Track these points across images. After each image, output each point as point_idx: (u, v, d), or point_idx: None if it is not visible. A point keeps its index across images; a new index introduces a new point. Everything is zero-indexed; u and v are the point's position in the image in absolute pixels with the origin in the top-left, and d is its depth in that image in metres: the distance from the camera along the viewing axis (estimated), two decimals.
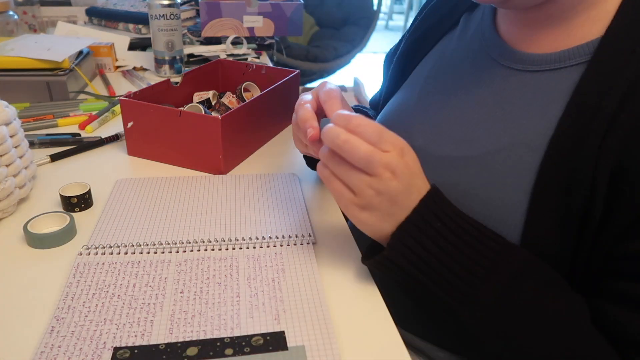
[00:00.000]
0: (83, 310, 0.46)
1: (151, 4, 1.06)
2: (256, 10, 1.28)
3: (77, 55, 1.02)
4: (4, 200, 0.57)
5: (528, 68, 0.51)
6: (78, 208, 0.61)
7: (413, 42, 0.67)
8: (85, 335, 0.43)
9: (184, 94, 0.88)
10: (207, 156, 0.70)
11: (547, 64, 0.50)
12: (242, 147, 0.75)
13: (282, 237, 0.57)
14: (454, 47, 0.62)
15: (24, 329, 0.44)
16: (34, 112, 0.87)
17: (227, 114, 0.68)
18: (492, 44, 0.56)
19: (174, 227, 0.58)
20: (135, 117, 0.73)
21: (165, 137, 0.72)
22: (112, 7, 1.49)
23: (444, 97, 0.59)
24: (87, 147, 0.77)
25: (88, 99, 0.96)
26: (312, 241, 0.56)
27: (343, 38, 2.64)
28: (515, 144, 0.49)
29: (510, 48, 0.53)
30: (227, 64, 0.95)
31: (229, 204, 0.63)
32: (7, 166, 0.57)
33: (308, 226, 0.59)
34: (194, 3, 1.42)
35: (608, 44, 0.45)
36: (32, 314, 0.46)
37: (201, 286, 0.49)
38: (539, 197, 0.46)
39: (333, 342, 0.43)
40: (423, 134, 0.58)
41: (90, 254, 0.53)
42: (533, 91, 0.50)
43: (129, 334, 0.43)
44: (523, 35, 0.53)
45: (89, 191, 0.62)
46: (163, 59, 1.12)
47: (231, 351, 0.42)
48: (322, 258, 0.54)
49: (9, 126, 0.59)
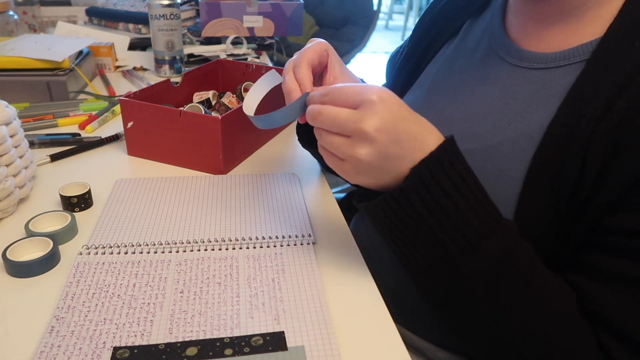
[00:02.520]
0: (83, 310, 0.46)
1: (151, 4, 1.06)
2: (256, 10, 1.28)
3: (77, 55, 1.03)
4: (4, 200, 0.57)
5: (534, 66, 0.52)
6: (78, 208, 0.61)
7: (421, 45, 0.68)
8: (85, 335, 0.43)
9: (184, 94, 0.88)
10: (207, 156, 0.70)
11: (552, 62, 0.51)
12: (242, 147, 0.75)
13: (282, 237, 0.57)
14: (458, 50, 0.63)
15: (23, 328, 0.44)
16: (34, 112, 0.87)
17: (227, 114, 0.68)
18: (500, 43, 0.57)
19: (174, 227, 0.58)
20: (135, 117, 0.73)
21: (165, 137, 0.72)
22: (112, 7, 1.49)
23: (451, 94, 0.60)
24: (87, 147, 0.77)
25: (88, 99, 0.96)
26: (312, 241, 0.56)
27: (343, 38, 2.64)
28: (517, 137, 0.50)
29: (517, 47, 0.54)
30: (227, 64, 0.95)
31: (229, 204, 0.63)
32: (7, 166, 0.57)
33: (308, 226, 0.59)
34: (194, 3, 1.42)
35: (608, 41, 0.46)
36: (32, 313, 0.46)
37: (201, 286, 0.49)
38: (531, 182, 0.48)
39: (333, 342, 0.43)
40: None
41: (90, 254, 0.53)
42: (537, 87, 0.51)
43: (128, 333, 0.43)
44: (531, 33, 0.54)
45: (89, 191, 0.62)
46: (163, 59, 1.12)
47: (231, 351, 0.42)
48: (322, 258, 0.54)
49: (9, 126, 0.59)
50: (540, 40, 0.53)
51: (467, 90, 0.58)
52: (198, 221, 0.59)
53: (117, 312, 0.46)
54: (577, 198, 0.44)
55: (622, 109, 0.42)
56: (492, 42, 0.58)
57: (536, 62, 0.52)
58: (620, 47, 0.45)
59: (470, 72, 0.59)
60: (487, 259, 0.43)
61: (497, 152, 0.51)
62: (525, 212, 0.48)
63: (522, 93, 0.52)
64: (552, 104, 0.49)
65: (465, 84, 0.59)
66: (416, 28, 0.71)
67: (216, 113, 0.87)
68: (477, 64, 0.59)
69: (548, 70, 0.51)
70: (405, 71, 0.70)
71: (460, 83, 0.60)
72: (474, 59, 0.60)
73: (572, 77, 0.48)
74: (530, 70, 0.52)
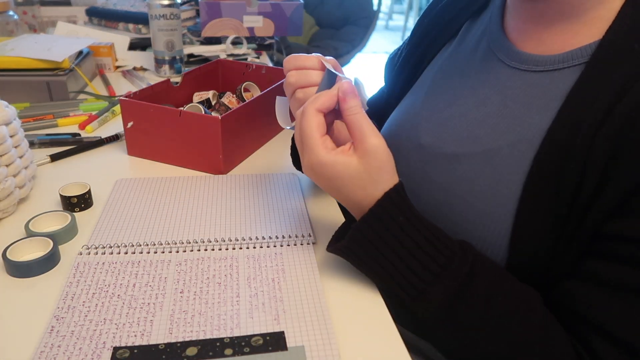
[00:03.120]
0: (83, 310, 0.46)
1: (151, 4, 1.06)
2: (256, 10, 1.28)
3: (77, 55, 1.03)
4: (4, 200, 0.57)
5: (532, 68, 0.52)
6: (78, 208, 0.61)
7: (420, 47, 0.68)
8: (85, 335, 0.43)
9: (184, 94, 0.88)
10: (207, 156, 0.70)
11: (551, 65, 0.50)
12: (242, 147, 0.75)
13: (282, 237, 0.57)
14: (456, 52, 0.63)
15: (23, 328, 0.44)
16: (34, 112, 0.87)
17: (227, 114, 0.68)
18: (499, 45, 0.56)
19: (173, 227, 0.58)
20: (135, 117, 0.73)
21: (165, 137, 0.72)
22: (112, 7, 1.49)
23: (450, 97, 0.59)
24: (87, 147, 0.77)
25: (88, 99, 0.97)
26: (312, 241, 0.56)
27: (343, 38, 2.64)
28: (517, 141, 0.50)
29: (516, 49, 0.54)
30: (227, 64, 0.95)
31: (229, 204, 0.63)
32: (7, 166, 0.57)
33: (308, 226, 0.59)
34: (194, 3, 1.42)
35: (608, 44, 0.46)
36: (32, 313, 0.46)
37: (201, 286, 0.49)
38: (531, 186, 0.48)
39: (333, 342, 0.43)
40: (428, 132, 0.59)
41: (90, 254, 0.53)
42: (536, 90, 0.51)
43: (128, 333, 0.43)
44: (530, 34, 0.53)
45: (89, 191, 0.62)
46: (163, 59, 1.12)
47: (231, 351, 0.42)
48: (322, 258, 0.54)
49: (9, 126, 0.59)
50: (539, 42, 0.52)
51: (466, 93, 0.58)
52: (198, 221, 0.59)
53: (117, 312, 0.46)
54: (577, 203, 0.44)
55: (623, 114, 0.42)
56: (491, 43, 0.57)
57: (535, 65, 0.52)
58: (620, 50, 0.45)
59: (469, 74, 0.59)
60: (436, 304, 0.44)
61: (497, 155, 0.51)
62: (525, 216, 0.48)
63: (521, 96, 0.52)
64: (552, 108, 0.48)
65: (464, 87, 0.59)
66: (415, 29, 0.71)
67: (216, 113, 0.87)
68: (476, 66, 0.59)
69: (547, 73, 0.51)
70: (404, 73, 0.70)
71: (459, 85, 0.59)
72: (473, 61, 0.59)
73: (572, 80, 0.48)
74: (529, 73, 0.52)
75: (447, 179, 0.55)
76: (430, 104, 0.61)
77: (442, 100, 0.60)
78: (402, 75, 0.70)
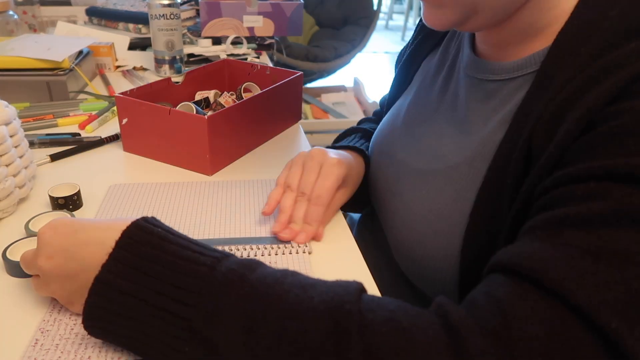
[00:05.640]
0: (69, 323, 0.44)
1: (151, 4, 1.06)
2: (256, 10, 1.28)
3: (77, 55, 1.03)
4: (4, 200, 0.57)
5: (490, 77, 0.51)
6: (66, 209, 0.60)
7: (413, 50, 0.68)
8: (69, 349, 0.41)
9: (187, 93, 0.88)
10: (195, 155, 0.70)
11: (506, 73, 0.49)
12: (232, 147, 0.75)
13: (277, 246, 0.55)
14: (440, 61, 0.62)
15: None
16: (34, 112, 0.87)
17: (214, 113, 0.68)
18: (464, 56, 0.56)
19: None
20: (129, 113, 0.73)
21: (156, 134, 0.72)
22: (112, 7, 1.49)
23: (427, 111, 0.59)
24: (87, 147, 0.77)
25: (88, 99, 0.97)
26: (308, 250, 0.55)
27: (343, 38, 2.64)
28: (474, 156, 0.49)
29: (477, 59, 0.53)
30: (233, 64, 0.95)
31: (223, 210, 0.63)
32: (7, 166, 0.57)
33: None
34: (194, 3, 1.42)
35: (553, 52, 0.44)
36: (33, 313, 0.45)
37: None
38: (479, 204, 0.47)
39: None
40: (404, 147, 0.59)
41: None
42: (495, 101, 0.50)
43: (115, 348, 0.41)
44: (494, 50, 0.52)
45: (78, 192, 0.61)
46: (163, 59, 1.12)
47: None
48: (318, 267, 0.54)
49: (9, 126, 0.59)
50: (500, 54, 0.51)
51: (441, 108, 0.57)
52: (191, 228, 0.59)
53: None
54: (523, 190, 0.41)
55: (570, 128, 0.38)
56: (462, 55, 0.57)
57: (491, 74, 0.51)
58: (561, 59, 0.42)
59: (444, 87, 0.58)
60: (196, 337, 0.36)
61: (456, 173, 0.50)
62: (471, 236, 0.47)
63: (482, 110, 0.51)
64: (506, 122, 0.47)
65: (438, 100, 0.58)
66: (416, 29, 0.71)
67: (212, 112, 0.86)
68: (448, 79, 0.58)
69: (503, 82, 0.49)
70: (403, 74, 0.70)
71: (435, 98, 0.59)
72: (449, 73, 0.58)
73: (524, 90, 0.46)
74: (487, 83, 0.51)
75: (413, 197, 0.55)
76: (410, 118, 0.61)
77: (419, 114, 0.60)
78: (401, 76, 0.70)
